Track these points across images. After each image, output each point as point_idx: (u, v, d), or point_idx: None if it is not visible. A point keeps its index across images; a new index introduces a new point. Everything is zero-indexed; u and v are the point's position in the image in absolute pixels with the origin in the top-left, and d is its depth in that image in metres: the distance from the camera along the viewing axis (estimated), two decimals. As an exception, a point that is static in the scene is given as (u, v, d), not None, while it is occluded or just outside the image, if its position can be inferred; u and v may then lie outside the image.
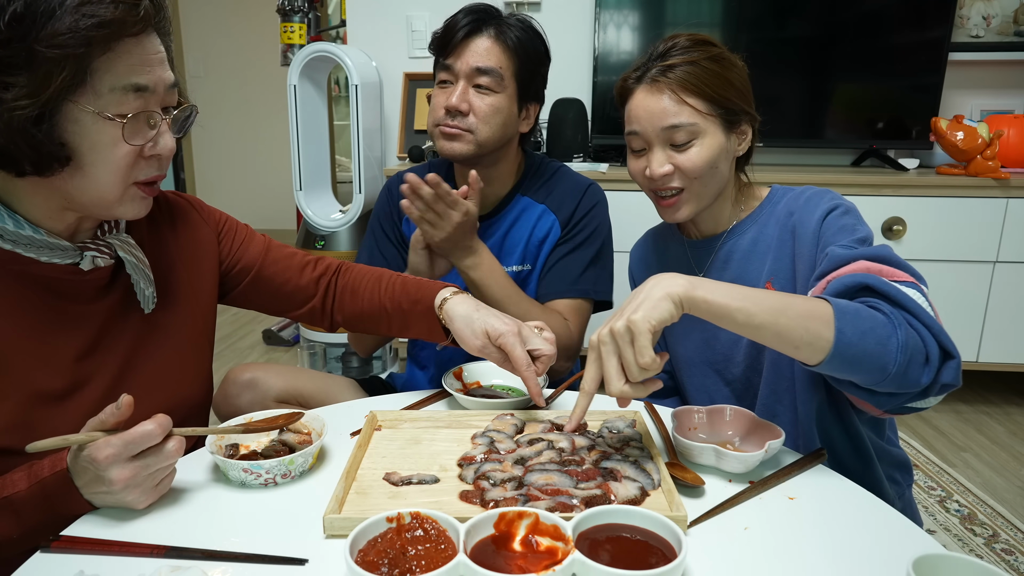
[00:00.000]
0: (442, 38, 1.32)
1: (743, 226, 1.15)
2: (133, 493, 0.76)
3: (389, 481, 0.85)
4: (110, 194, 0.84)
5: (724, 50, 1.09)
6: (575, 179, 1.43)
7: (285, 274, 1.14)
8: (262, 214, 5.71)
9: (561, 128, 2.78)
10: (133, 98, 0.81)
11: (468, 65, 1.29)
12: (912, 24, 2.71)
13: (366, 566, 0.63)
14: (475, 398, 1.07)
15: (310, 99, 2.78)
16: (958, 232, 2.55)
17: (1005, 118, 2.70)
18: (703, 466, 0.89)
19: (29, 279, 0.86)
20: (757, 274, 1.11)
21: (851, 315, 0.82)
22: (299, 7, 3.01)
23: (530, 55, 1.34)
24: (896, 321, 0.82)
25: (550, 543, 0.68)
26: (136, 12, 0.79)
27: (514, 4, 2.96)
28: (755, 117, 1.11)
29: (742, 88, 1.09)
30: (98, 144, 0.81)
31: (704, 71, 1.05)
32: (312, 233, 2.82)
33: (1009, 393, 2.87)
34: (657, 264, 1.27)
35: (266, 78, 5.33)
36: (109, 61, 0.79)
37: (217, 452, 0.87)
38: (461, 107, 1.29)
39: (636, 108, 1.09)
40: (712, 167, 1.07)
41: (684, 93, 1.05)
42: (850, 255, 0.93)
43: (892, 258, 0.92)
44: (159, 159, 0.87)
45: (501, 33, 1.30)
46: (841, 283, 0.89)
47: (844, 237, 0.99)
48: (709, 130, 1.06)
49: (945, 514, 2.04)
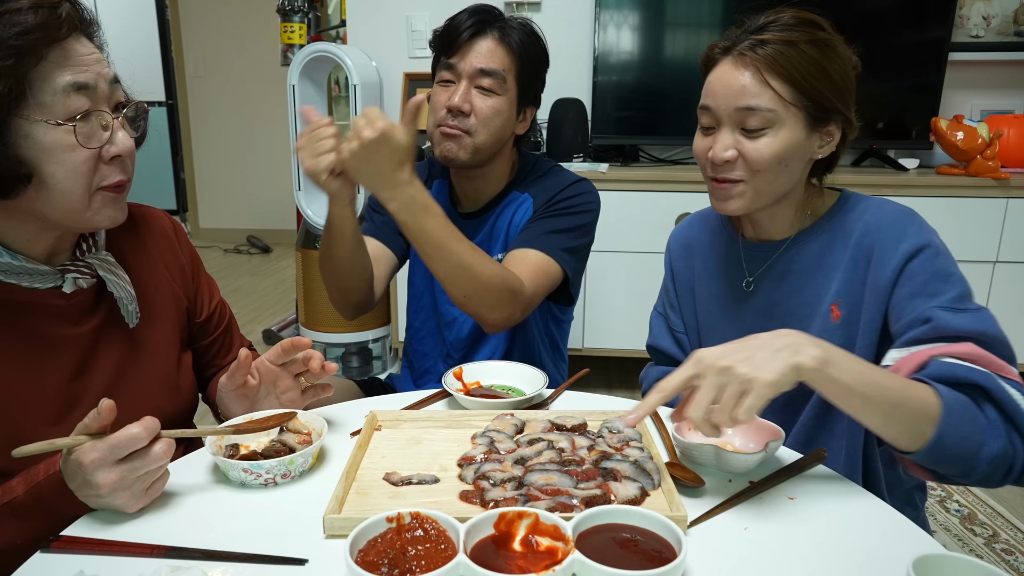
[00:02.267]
0: (445, 37, 1.31)
1: (807, 235, 1.05)
2: (122, 497, 0.75)
3: (389, 481, 0.85)
4: (78, 203, 0.84)
5: (832, 36, 0.98)
6: (569, 176, 1.42)
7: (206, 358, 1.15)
8: (262, 214, 5.72)
9: (561, 128, 2.78)
10: (77, 98, 0.81)
11: (472, 65, 1.28)
12: (912, 24, 2.71)
13: (366, 566, 0.63)
14: (475, 398, 1.07)
15: (310, 99, 2.78)
16: (958, 232, 2.55)
17: (1005, 118, 2.70)
18: (703, 466, 0.89)
19: (13, 306, 0.86)
20: (820, 292, 1.03)
21: (956, 418, 0.79)
22: (299, 7, 3.01)
23: (532, 58, 1.33)
24: (997, 432, 0.80)
25: (550, 543, 0.68)
26: (57, 15, 0.80)
27: (514, 4, 2.96)
28: (850, 121, 1.00)
29: (842, 84, 0.97)
30: (55, 153, 0.81)
31: (800, 54, 0.94)
32: (312, 233, 2.82)
33: (1009, 393, 2.86)
34: (702, 256, 1.17)
35: (266, 78, 5.33)
36: (44, 68, 0.79)
37: (217, 452, 0.87)
38: (463, 107, 1.28)
39: (715, 81, 0.99)
40: (781, 163, 0.97)
41: (769, 74, 0.94)
42: (957, 328, 0.87)
43: (997, 336, 0.87)
44: (121, 161, 0.87)
45: (505, 35, 1.29)
46: (952, 374, 0.83)
47: (939, 289, 0.91)
48: (788, 121, 0.96)
49: (945, 514, 2.04)
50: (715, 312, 1.15)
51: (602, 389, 2.78)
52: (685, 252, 1.21)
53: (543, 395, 1.11)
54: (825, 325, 1.02)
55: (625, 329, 2.71)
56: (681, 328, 1.22)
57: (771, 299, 1.08)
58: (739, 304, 1.12)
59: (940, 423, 0.78)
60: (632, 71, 2.85)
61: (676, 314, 1.23)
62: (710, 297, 1.16)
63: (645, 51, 2.84)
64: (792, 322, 1.03)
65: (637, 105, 2.87)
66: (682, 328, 1.22)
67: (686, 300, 1.21)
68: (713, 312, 1.16)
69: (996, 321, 0.89)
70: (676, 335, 1.23)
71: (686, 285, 1.21)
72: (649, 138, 2.93)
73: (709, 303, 1.17)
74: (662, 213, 2.59)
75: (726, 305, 1.14)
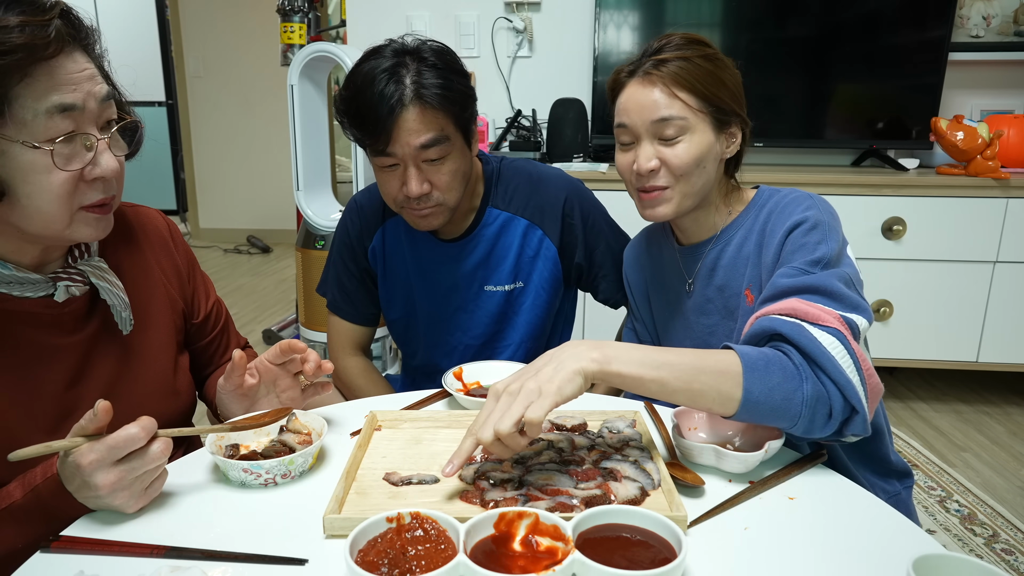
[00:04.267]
0: (365, 127, 1.14)
1: (729, 232, 1.12)
2: (121, 497, 0.75)
3: (389, 481, 0.85)
4: (56, 222, 0.82)
5: (718, 51, 1.09)
6: (549, 185, 1.35)
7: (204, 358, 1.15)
8: (262, 214, 5.72)
9: (561, 128, 2.78)
10: (60, 120, 0.78)
11: (411, 146, 1.13)
12: (912, 24, 2.71)
13: (366, 566, 0.63)
14: (475, 398, 1.07)
15: (310, 99, 2.78)
16: (958, 232, 2.55)
17: (1005, 118, 2.70)
18: (703, 466, 0.89)
19: (6, 316, 0.85)
20: (740, 282, 1.09)
21: (760, 371, 0.83)
22: (299, 7, 3.01)
23: (457, 98, 1.16)
24: (804, 374, 0.84)
25: (550, 543, 0.68)
26: (45, 34, 0.76)
27: (514, 4, 2.96)
28: (746, 121, 1.10)
29: (734, 90, 1.08)
30: (30, 175, 0.78)
31: (697, 68, 1.04)
32: (312, 233, 2.82)
33: (1009, 393, 2.87)
34: (651, 269, 1.26)
35: (266, 78, 5.33)
36: (28, 86, 0.76)
37: (217, 452, 0.87)
38: (424, 191, 1.17)
39: (627, 100, 1.08)
40: (699, 165, 1.06)
41: (676, 87, 1.04)
42: (786, 286, 0.93)
43: (832, 290, 0.91)
44: (104, 181, 0.84)
45: (424, 94, 1.12)
46: (759, 327, 0.90)
47: (799, 258, 0.96)
48: (699, 127, 1.05)
49: (945, 514, 2.04)
50: (668, 317, 1.23)
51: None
52: (637, 265, 1.29)
53: (543, 395, 1.11)
54: (745, 310, 1.08)
55: (625, 329, 2.71)
56: (648, 338, 1.29)
57: (705, 296, 1.14)
58: (683, 306, 1.19)
59: (744, 379, 0.83)
60: (632, 71, 2.85)
61: (641, 325, 1.31)
62: (664, 304, 1.23)
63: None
64: (725, 314, 1.13)
65: (637, 105, 2.87)
66: (649, 338, 1.29)
67: (644, 310, 1.29)
68: (667, 317, 1.23)
69: (849, 279, 0.93)
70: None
71: (642, 295, 1.28)
72: (649, 138, 2.92)
73: (663, 309, 1.24)
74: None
75: (675, 309, 1.22)
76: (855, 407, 0.85)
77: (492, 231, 1.34)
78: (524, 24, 2.98)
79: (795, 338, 0.86)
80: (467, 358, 1.34)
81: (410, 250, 1.36)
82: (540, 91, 3.00)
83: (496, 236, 1.34)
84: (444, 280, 1.36)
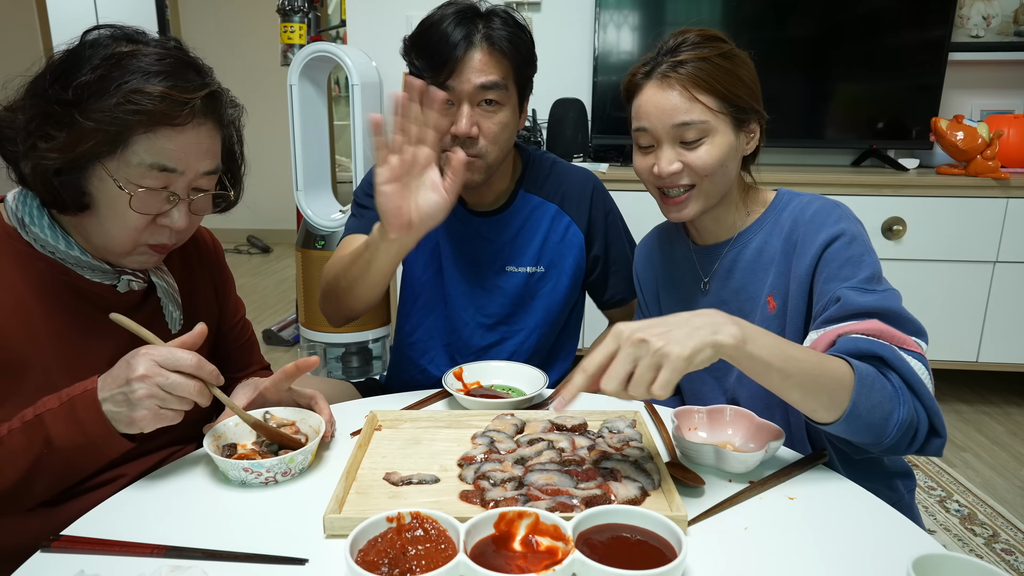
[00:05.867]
0: (433, 56, 1.19)
1: (748, 234, 1.11)
2: (140, 393, 0.79)
3: (389, 481, 0.85)
4: (118, 247, 0.93)
5: (734, 46, 1.07)
6: (576, 175, 1.39)
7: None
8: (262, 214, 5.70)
9: (561, 128, 2.78)
10: (156, 175, 0.89)
11: (472, 84, 1.18)
12: (912, 24, 2.71)
13: (366, 566, 0.63)
14: (475, 398, 1.07)
15: (310, 99, 2.78)
16: (958, 232, 2.55)
17: (1005, 118, 2.70)
18: (703, 466, 0.89)
19: (73, 289, 0.95)
20: (760, 286, 1.09)
21: (868, 387, 0.84)
22: (299, 7, 3.01)
23: (524, 54, 1.24)
24: (903, 398, 0.85)
25: (550, 543, 0.68)
26: (180, 108, 0.86)
27: (514, 4, 2.96)
28: (763, 115, 1.09)
29: (751, 85, 1.06)
30: (113, 204, 0.89)
31: (715, 67, 1.02)
32: (312, 233, 2.82)
33: (1009, 393, 2.87)
34: (663, 267, 1.25)
35: (266, 78, 5.32)
36: (148, 140, 0.87)
37: (215, 452, 0.87)
38: (472, 133, 1.20)
39: (645, 104, 1.06)
40: (722, 166, 1.05)
41: (695, 90, 1.02)
42: (863, 306, 0.92)
43: (902, 315, 0.93)
44: (171, 231, 0.94)
45: (494, 39, 1.19)
46: (856, 347, 0.89)
47: (851, 273, 0.96)
48: (720, 128, 1.04)
49: (945, 514, 2.04)
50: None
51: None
52: (648, 264, 1.28)
53: (543, 395, 1.11)
54: (764, 316, 1.08)
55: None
56: None
57: (721, 297, 1.14)
58: (697, 304, 1.18)
59: (855, 390, 0.83)
60: (632, 71, 2.85)
61: None
62: (675, 302, 1.23)
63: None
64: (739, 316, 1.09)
65: (637, 105, 2.87)
66: None
67: (654, 309, 1.28)
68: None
69: (901, 299, 0.96)
70: None
71: (653, 294, 1.28)
72: (649, 138, 2.92)
73: (675, 308, 1.23)
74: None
75: (687, 308, 1.18)
76: (939, 432, 0.87)
77: (523, 213, 1.36)
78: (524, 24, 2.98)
79: (894, 362, 0.87)
80: (477, 336, 1.36)
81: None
82: (540, 91, 2.96)
83: (526, 219, 1.36)
84: (468, 253, 1.36)
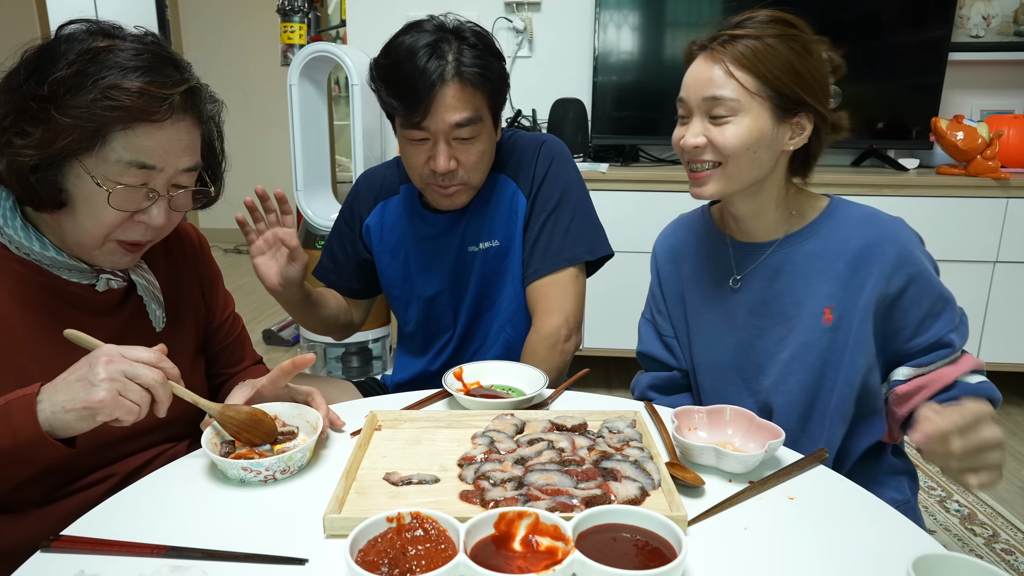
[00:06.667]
0: (404, 97, 1.15)
1: (799, 237, 1.08)
2: (102, 374, 0.77)
3: (389, 481, 0.85)
4: (89, 242, 0.91)
5: (804, 35, 1.02)
6: (526, 141, 1.34)
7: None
8: (262, 214, 5.71)
9: (561, 128, 2.78)
10: (135, 172, 0.88)
11: (446, 123, 1.16)
12: (912, 24, 2.71)
13: (366, 566, 0.63)
14: (475, 398, 1.07)
15: (310, 99, 2.78)
16: (958, 232, 2.55)
17: (1005, 118, 2.70)
18: (703, 466, 0.89)
19: (51, 290, 0.94)
20: (811, 293, 1.06)
21: None
22: (299, 7, 3.01)
23: (494, 80, 1.20)
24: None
25: (550, 543, 0.68)
26: (159, 104, 0.85)
27: (514, 4, 2.96)
28: (821, 114, 1.03)
29: (810, 79, 1.01)
30: (91, 202, 0.88)
31: (767, 48, 0.98)
32: (312, 233, 2.82)
33: (1009, 393, 2.86)
34: (690, 260, 1.20)
35: (266, 78, 5.32)
36: (127, 136, 0.86)
37: (214, 451, 0.87)
38: (451, 167, 1.19)
39: (689, 75, 1.05)
40: (748, 150, 1.01)
41: (736, 66, 0.99)
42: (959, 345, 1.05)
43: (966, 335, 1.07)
44: (146, 226, 0.92)
45: (464, 73, 1.15)
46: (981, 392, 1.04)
47: (943, 309, 1.04)
48: (753, 110, 1.00)
49: (945, 514, 2.04)
50: (705, 312, 1.18)
51: (602, 389, 2.78)
52: (672, 257, 1.24)
53: (543, 395, 1.11)
54: (814, 326, 1.06)
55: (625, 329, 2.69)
56: (670, 333, 1.24)
57: (762, 297, 1.11)
58: (727, 302, 1.14)
59: None
60: (632, 71, 2.85)
61: (664, 319, 1.25)
62: (701, 299, 1.18)
63: (645, 51, 2.84)
64: (781, 320, 1.09)
65: (637, 105, 2.87)
66: (671, 333, 1.24)
67: (675, 305, 1.23)
68: (704, 312, 1.18)
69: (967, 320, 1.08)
70: (665, 340, 1.25)
71: (675, 290, 1.23)
72: (649, 138, 2.92)
73: (700, 304, 1.19)
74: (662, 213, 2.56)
75: (715, 305, 1.17)
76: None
77: (488, 190, 1.32)
78: (524, 24, 2.98)
79: (997, 400, 1.03)
80: (462, 325, 1.38)
81: (409, 228, 1.37)
82: (540, 91, 3.00)
83: (490, 195, 1.32)
84: (438, 248, 1.36)
